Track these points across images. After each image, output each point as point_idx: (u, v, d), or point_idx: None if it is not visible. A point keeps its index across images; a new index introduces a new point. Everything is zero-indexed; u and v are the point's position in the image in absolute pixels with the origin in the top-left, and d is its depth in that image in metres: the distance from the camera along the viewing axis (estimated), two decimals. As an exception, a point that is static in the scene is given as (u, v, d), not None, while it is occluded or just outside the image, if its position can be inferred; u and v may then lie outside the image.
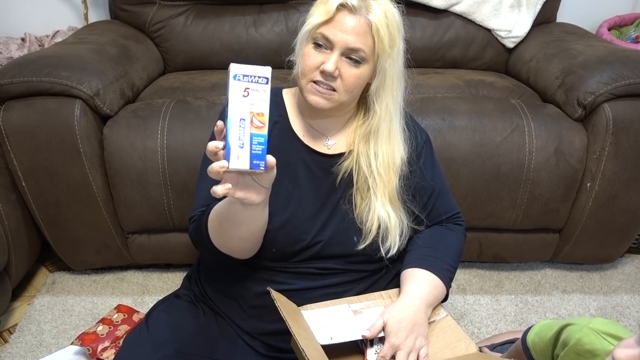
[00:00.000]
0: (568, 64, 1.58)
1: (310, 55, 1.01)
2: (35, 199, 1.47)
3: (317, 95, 1.02)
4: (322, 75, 1.00)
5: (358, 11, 0.97)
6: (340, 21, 0.97)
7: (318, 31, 0.99)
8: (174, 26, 1.89)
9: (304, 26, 1.02)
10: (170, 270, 1.74)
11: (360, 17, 0.97)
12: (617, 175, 1.48)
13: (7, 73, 1.38)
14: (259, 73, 0.79)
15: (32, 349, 1.44)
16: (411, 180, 1.13)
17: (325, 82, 1.01)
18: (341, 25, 0.97)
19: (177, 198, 1.48)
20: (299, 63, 1.03)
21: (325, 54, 1.00)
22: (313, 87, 1.02)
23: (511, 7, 1.89)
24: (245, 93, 0.78)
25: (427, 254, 1.14)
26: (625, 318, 1.57)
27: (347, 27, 0.97)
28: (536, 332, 1.08)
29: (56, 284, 1.67)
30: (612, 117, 1.43)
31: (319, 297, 1.10)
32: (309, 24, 1.00)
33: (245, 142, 0.77)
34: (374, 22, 0.97)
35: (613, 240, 1.65)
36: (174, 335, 1.08)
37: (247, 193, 0.83)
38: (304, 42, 1.02)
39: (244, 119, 0.77)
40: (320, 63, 1.00)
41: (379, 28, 0.98)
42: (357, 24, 0.97)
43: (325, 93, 1.01)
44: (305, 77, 1.02)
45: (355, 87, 1.04)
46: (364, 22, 0.97)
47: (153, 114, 1.46)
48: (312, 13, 1.01)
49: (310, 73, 1.01)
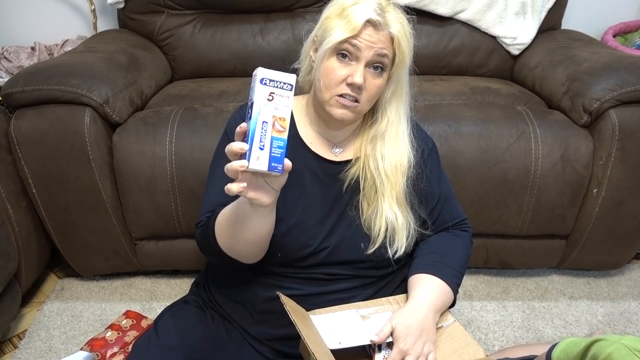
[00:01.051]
0: (573, 71, 1.58)
1: (335, 69, 1.01)
2: (45, 206, 1.49)
3: (343, 108, 1.03)
4: (349, 88, 1.01)
5: (381, 26, 0.99)
6: (366, 35, 0.99)
7: (343, 46, 1.00)
8: (181, 35, 1.91)
9: (326, 43, 1.01)
10: (178, 276, 1.75)
11: (383, 32, 0.99)
12: (623, 181, 1.49)
13: (18, 81, 1.40)
14: (284, 79, 0.81)
15: (41, 354, 1.45)
16: (418, 185, 1.14)
17: (352, 94, 1.01)
18: (367, 39, 0.99)
19: (185, 204, 1.49)
20: (320, 77, 1.03)
21: (351, 66, 1.00)
22: (338, 101, 1.02)
23: (516, 14, 1.90)
24: (270, 97, 0.80)
25: (434, 260, 1.14)
26: (632, 324, 1.57)
27: (373, 40, 0.99)
28: (562, 348, 1.06)
29: (65, 290, 1.69)
30: (618, 123, 1.44)
31: (327, 302, 1.10)
32: (331, 41, 0.99)
33: (266, 145, 0.80)
34: (396, 35, 1.00)
35: (620, 246, 1.65)
36: (183, 341, 1.09)
37: (258, 194, 0.86)
38: (324, 56, 1.02)
39: (267, 122, 0.80)
40: (346, 76, 1.00)
41: (401, 40, 1.00)
42: (380, 38, 0.99)
43: (351, 106, 1.02)
44: (330, 90, 1.02)
45: (376, 97, 1.06)
46: (387, 35, 1.00)
47: (161, 121, 1.48)
48: (329, 27, 1.01)
49: (337, 86, 1.01)
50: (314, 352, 0.89)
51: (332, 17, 1.02)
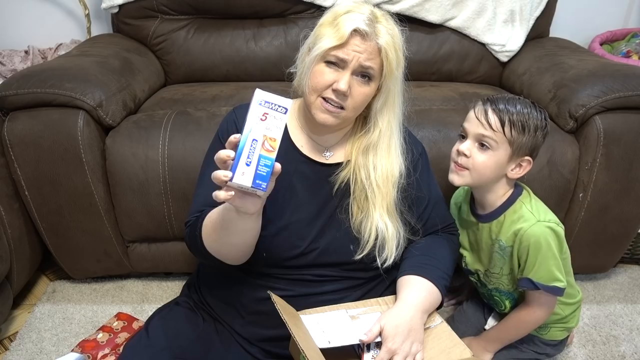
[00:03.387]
0: (560, 78, 1.61)
1: (323, 73, 1.03)
2: (38, 208, 1.50)
3: (326, 113, 1.05)
4: (334, 94, 1.03)
5: (369, 36, 1.00)
6: (353, 44, 1.00)
7: (331, 53, 1.02)
8: (175, 39, 1.93)
9: (315, 49, 1.03)
10: (169, 279, 1.76)
11: (370, 42, 1.01)
12: (608, 185, 1.51)
13: (12, 84, 1.41)
14: (280, 103, 0.85)
15: (32, 356, 1.45)
16: (408, 191, 1.16)
17: (336, 100, 1.03)
18: (354, 48, 1.00)
19: (177, 207, 1.50)
20: (308, 80, 1.05)
21: (338, 73, 1.02)
22: (322, 105, 1.04)
23: (505, 22, 1.93)
24: (263, 117, 0.83)
25: (423, 262, 1.16)
26: (618, 327, 1.59)
27: (360, 49, 1.01)
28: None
29: (56, 293, 1.69)
30: (603, 129, 1.46)
31: (316, 303, 1.12)
32: (320, 48, 1.02)
33: (253, 162, 0.82)
34: (384, 46, 1.01)
35: (606, 250, 1.68)
36: (173, 342, 1.10)
37: (244, 202, 0.88)
38: (313, 61, 1.04)
39: (257, 140, 0.83)
40: (332, 81, 1.02)
41: (388, 52, 1.02)
42: (367, 47, 1.01)
43: (334, 111, 1.04)
44: (316, 93, 1.05)
45: (363, 105, 1.08)
46: (375, 45, 1.01)
47: (154, 124, 1.49)
48: (320, 35, 1.03)
49: (322, 90, 1.04)
50: (304, 350, 0.90)
51: (325, 24, 1.04)
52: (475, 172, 1.19)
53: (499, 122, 1.15)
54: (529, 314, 1.26)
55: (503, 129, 1.15)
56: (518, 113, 1.15)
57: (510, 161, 1.19)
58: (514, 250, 1.21)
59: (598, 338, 1.55)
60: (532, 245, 1.17)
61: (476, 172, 1.19)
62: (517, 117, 1.15)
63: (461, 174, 1.20)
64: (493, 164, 1.18)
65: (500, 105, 1.16)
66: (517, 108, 1.16)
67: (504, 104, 1.16)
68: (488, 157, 1.17)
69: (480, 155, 1.18)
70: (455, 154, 1.22)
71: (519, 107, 1.16)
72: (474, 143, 1.19)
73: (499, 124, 1.15)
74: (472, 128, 1.18)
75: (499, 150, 1.17)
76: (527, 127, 1.15)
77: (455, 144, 1.24)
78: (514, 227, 1.20)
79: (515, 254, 1.21)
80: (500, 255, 1.25)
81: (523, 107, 1.17)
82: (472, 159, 1.18)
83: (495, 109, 1.16)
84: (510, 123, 1.15)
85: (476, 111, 1.19)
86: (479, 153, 1.18)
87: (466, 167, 1.19)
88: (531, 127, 1.16)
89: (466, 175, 1.20)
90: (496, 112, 1.16)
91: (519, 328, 1.31)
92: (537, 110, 1.18)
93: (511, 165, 1.20)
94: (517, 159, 1.19)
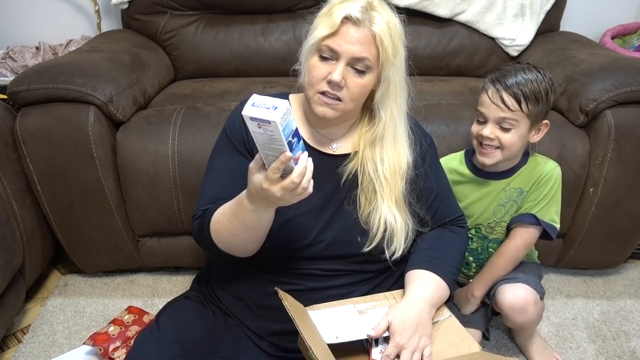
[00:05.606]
0: (571, 72, 1.60)
1: (317, 67, 1.03)
2: (50, 203, 1.51)
3: (324, 106, 1.05)
4: (329, 86, 1.03)
5: (362, 23, 1.00)
6: (345, 33, 1.00)
7: (323, 43, 1.02)
8: (184, 35, 1.94)
9: (309, 39, 1.04)
10: (179, 273, 1.77)
11: (364, 29, 1.00)
12: (619, 180, 1.50)
13: (24, 80, 1.42)
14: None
15: (45, 348, 1.47)
16: (417, 183, 1.16)
17: (332, 92, 1.03)
18: (346, 37, 1.00)
19: (187, 202, 1.51)
20: (305, 75, 1.06)
21: (331, 65, 1.02)
22: (320, 99, 1.04)
23: (515, 16, 1.92)
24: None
25: (431, 256, 1.16)
26: (628, 322, 1.59)
27: (352, 39, 1.00)
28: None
29: (68, 286, 1.71)
30: (614, 123, 1.45)
31: (325, 298, 1.12)
32: (314, 37, 1.02)
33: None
34: (378, 33, 1.00)
35: (616, 246, 1.67)
36: (183, 335, 1.10)
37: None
38: (309, 54, 1.05)
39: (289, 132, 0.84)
40: (326, 74, 1.02)
41: (383, 39, 1.01)
42: (361, 35, 1.00)
43: (332, 103, 1.04)
44: (313, 87, 1.05)
45: (361, 96, 1.07)
46: (368, 33, 1.00)
47: (164, 120, 1.50)
48: (315, 26, 1.04)
49: (318, 84, 1.04)
50: (312, 346, 0.91)
51: (321, 15, 1.04)
52: (505, 150, 1.27)
53: (516, 101, 1.22)
54: (514, 249, 1.34)
55: (520, 106, 1.22)
56: (528, 84, 1.22)
57: (531, 129, 1.27)
58: (530, 192, 1.32)
59: (608, 333, 1.55)
60: (551, 185, 1.31)
61: (505, 150, 1.27)
62: (529, 89, 1.22)
63: (491, 155, 1.29)
64: (518, 139, 1.26)
65: (510, 81, 1.22)
66: (526, 79, 1.22)
67: (512, 79, 1.23)
68: (512, 135, 1.25)
69: (505, 135, 1.25)
70: (479, 137, 1.29)
71: (526, 76, 1.23)
72: (495, 126, 1.26)
73: (516, 103, 1.22)
74: (491, 113, 1.25)
75: (520, 126, 1.25)
76: (540, 96, 1.22)
77: (474, 126, 1.31)
78: (536, 174, 1.32)
79: (528, 195, 1.32)
80: (514, 202, 1.34)
81: (529, 75, 1.23)
82: (498, 141, 1.26)
83: (508, 89, 1.22)
84: (525, 99, 1.22)
85: (490, 95, 1.24)
86: (502, 134, 1.25)
87: (495, 147, 1.27)
88: (543, 94, 1.23)
89: (497, 154, 1.28)
90: (509, 91, 1.22)
91: (502, 264, 1.35)
92: (541, 73, 1.25)
93: (532, 132, 1.28)
94: (536, 126, 1.28)
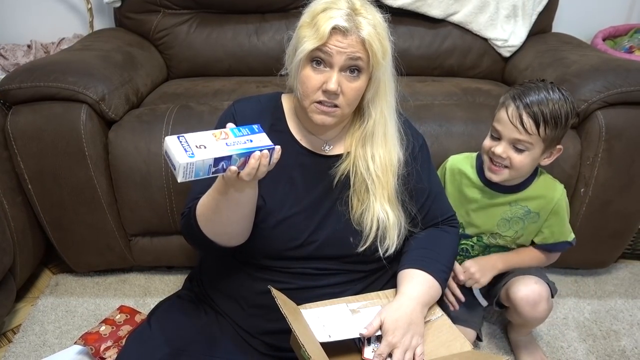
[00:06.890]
0: (562, 73, 1.61)
1: (311, 78, 1.03)
2: (41, 202, 1.51)
3: (322, 114, 1.05)
4: (325, 95, 1.02)
5: (350, 31, 0.99)
6: (334, 42, 0.99)
7: (314, 55, 1.01)
8: (177, 34, 1.93)
9: (297, 52, 1.03)
10: (171, 272, 1.77)
11: (352, 35, 0.99)
12: (610, 181, 1.51)
13: (15, 78, 1.41)
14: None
15: (35, 348, 1.46)
16: (409, 182, 1.17)
17: (329, 100, 1.03)
18: (336, 45, 0.99)
19: (179, 201, 1.51)
20: (298, 86, 1.05)
21: (325, 73, 1.02)
22: (317, 108, 1.04)
23: (507, 17, 1.93)
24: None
25: (423, 255, 1.17)
26: (618, 322, 1.60)
27: (342, 45, 0.99)
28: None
29: (59, 286, 1.70)
30: (605, 124, 1.46)
31: (317, 297, 1.12)
32: (302, 50, 1.01)
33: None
34: (367, 38, 1.00)
35: (607, 246, 1.68)
36: (175, 334, 1.10)
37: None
38: (299, 66, 1.04)
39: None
40: (321, 83, 1.02)
41: (372, 43, 1.00)
42: (350, 42, 1.00)
43: (330, 111, 1.04)
44: (308, 98, 1.04)
45: (356, 100, 1.07)
46: (357, 39, 1.00)
47: (157, 119, 1.50)
48: (301, 37, 1.02)
49: (313, 94, 1.03)
50: (305, 344, 0.91)
51: (304, 25, 1.03)
52: (514, 170, 1.25)
53: (534, 124, 1.18)
54: (542, 261, 1.41)
55: (538, 130, 1.18)
56: (550, 104, 1.18)
57: (544, 153, 1.25)
58: (540, 216, 1.33)
59: (599, 333, 1.56)
60: (565, 207, 1.33)
61: (515, 170, 1.25)
62: (550, 111, 1.18)
63: (499, 173, 1.26)
64: (529, 161, 1.23)
65: (532, 98, 1.18)
66: (548, 98, 1.18)
67: (534, 96, 1.19)
68: (524, 157, 1.22)
69: (517, 156, 1.22)
70: (490, 154, 1.26)
71: (549, 96, 1.19)
72: (509, 145, 1.23)
73: (535, 126, 1.18)
74: (507, 132, 1.21)
75: (534, 149, 1.22)
76: (560, 120, 1.19)
77: (487, 140, 1.28)
78: (545, 195, 1.31)
79: (542, 220, 1.33)
80: (519, 219, 1.34)
81: (552, 95, 1.19)
82: (509, 160, 1.23)
83: (529, 111, 1.18)
84: (544, 122, 1.18)
85: (509, 113, 1.20)
86: (515, 154, 1.22)
87: (504, 166, 1.25)
88: (562, 118, 1.19)
89: (505, 173, 1.26)
90: (530, 114, 1.18)
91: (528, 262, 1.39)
92: (564, 95, 1.21)
93: (544, 155, 1.26)
94: (549, 150, 1.25)
